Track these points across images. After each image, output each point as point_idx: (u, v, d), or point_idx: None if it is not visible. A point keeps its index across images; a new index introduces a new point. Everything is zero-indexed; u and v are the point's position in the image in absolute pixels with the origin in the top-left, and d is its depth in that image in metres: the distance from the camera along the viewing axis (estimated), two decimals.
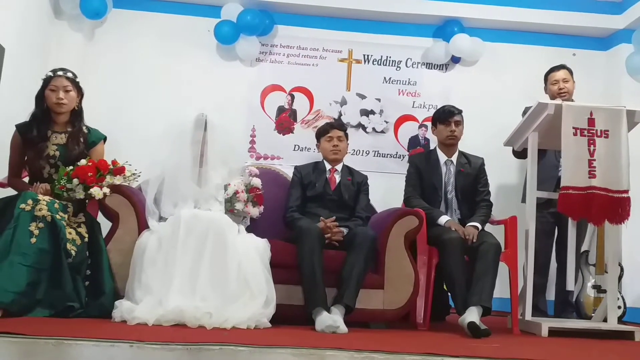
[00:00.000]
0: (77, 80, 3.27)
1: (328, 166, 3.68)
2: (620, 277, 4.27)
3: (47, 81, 3.21)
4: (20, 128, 3.22)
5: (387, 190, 4.39)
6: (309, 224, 3.25)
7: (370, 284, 3.18)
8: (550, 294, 4.25)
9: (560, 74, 4.09)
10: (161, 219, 3.19)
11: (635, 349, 2.93)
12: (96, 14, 4.66)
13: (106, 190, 3.07)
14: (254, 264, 3.02)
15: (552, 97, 4.04)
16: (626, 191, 3.21)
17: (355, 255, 3.11)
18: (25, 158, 3.26)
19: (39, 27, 4.43)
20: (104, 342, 2.10)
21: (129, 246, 3.03)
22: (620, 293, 4.17)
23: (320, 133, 3.74)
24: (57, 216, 2.86)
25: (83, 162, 3.13)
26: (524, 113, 4.10)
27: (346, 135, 3.73)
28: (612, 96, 4.77)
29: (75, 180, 3.05)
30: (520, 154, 3.96)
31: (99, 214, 3.23)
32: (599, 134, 3.24)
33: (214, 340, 2.22)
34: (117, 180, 3.14)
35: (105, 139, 3.38)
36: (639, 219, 3.57)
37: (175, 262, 2.89)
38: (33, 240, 2.76)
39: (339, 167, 3.68)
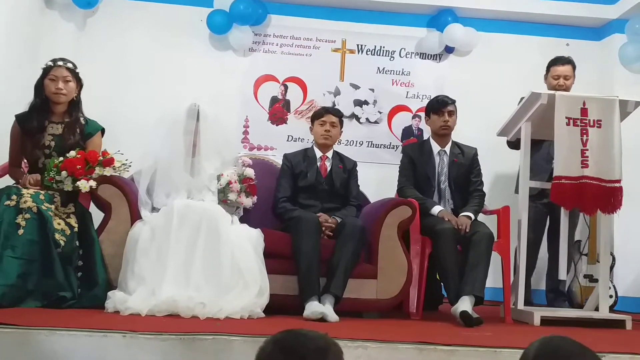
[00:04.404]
0: (77, 71, 3.25)
1: (319, 153, 3.64)
2: (612, 267, 4.29)
3: (46, 70, 3.18)
4: (20, 118, 3.21)
5: (380, 181, 4.40)
6: (307, 214, 3.25)
7: (363, 274, 3.19)
8: (542, 284, 4.28)
9: (564, 70, 4.02)
10: (154, 209, 3.19)
11: (626, 337, 2.96)
12: (88, 3, 4.60)
13: (92, 183, 3.04)
14: (247, 254, 3.02)
15: (550, 88, 4.02)
16: (618, 181, 3.22)
17: (343, 246, 3.11)
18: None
19: (30, 17, 4.38)
20: (96, 333, 2.11)
21: (121, 237, 3.03)
22: (612, 282, 4.20)
23: (315, 116, 3.69)
24: (43, 207, 2.86)
25: (72, 153, 3.11)
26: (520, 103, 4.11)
27: (341, 122, 3.68)
28: (605, 86, 4.77)
29: (64, 173, 3.03)
30: (515, 144, 3.96)
31: (92, 204, 3.23)
32: (591, 123, 3.25)
33: (207, 330, 2.23)
34: (107, 171, 3.12)
35: (103, 130, 3.36)
36: (630, 209, 3.58)
37: (168, 252, 2.90)
38: (20, 231, 2.78)
39: (329, 154, 3.66)
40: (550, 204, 3.85)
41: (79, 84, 3.27)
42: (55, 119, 3.23)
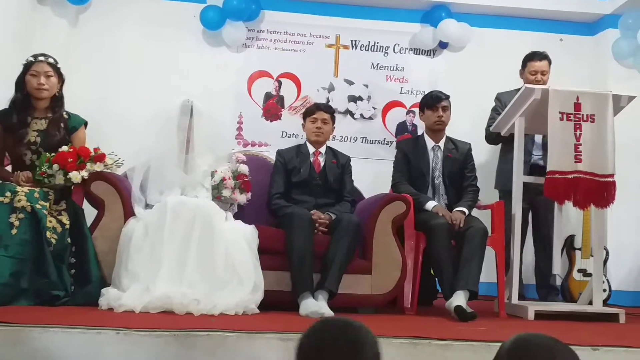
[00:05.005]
0: (58, 66, 3.24)
1: (312, 149, 3.64)
2: (605, 261, 4.31)
3: (27, 66, 3.17)
4: (0, 116, 3.18)
5: (375, 177, 4.39)
6: (299, 210, 3.25)
7: (358, 269, 3.19)
8: (530, 279, 4.29)
9: (541, 66, 4.04)
10: (147, 206, 3.17)
11: (620, 331, 2.97)
12: None
13: (84, 173, 3.04)
14: (241, 251, 3.02)
15: (526, 83, 4.02)
16: (612, 175, 3.23)
17: (338, 241, 3.11)
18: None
19: (21, 13, 4.34)
20: (90, 330, 2.10)
21: (115, 233, 3.02)
22: (605, 276, 4.22)
23: (307, 113, 3.69)
24: (37, 206, 2.85)
25: (65, 148, 3.11)
26: (497, 99, 4.14)
27: (333, 118, 3.69)
28: (598, 81, 4.78)
29: (56, 166, 3.03)
30: (494, 139, 4.00)
31: (85, 201, 3.21)
32: (585, 118, 3.25)
33: (201, 327, 2.22)
34: (98, 167, 3.11)
35: (86, 123, 3.35)
36: (623, 203, 3.60)
37: (162, 249, 2.89)
38: (14, 231, 2.76)
39: (322, 149, 3.66)
40: (532, 200, 3.86)
41: (61, 79, 3.26)
42: (37, 115, 3.21)
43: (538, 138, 4.00)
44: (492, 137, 4.02)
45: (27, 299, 2.74)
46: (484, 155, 4.36)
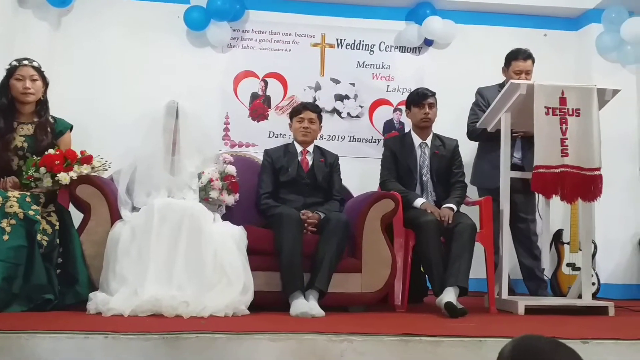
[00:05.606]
0: (42, 70, 3.21)
1: (299, 148, 3.63)
2: (594, 255, 4.35)
3: (12, 70, 3.14)
4: None
5: (363, 175, 4.39)
6: (288, 209, 3.24)
7: (348, 268, 3.18)
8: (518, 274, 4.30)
9: (526, 66, 3.97)
10: (134, 209, 3.14)
11: (609, 323, 2.99)
12: (62, 2, 4.53)
13: (73, 174, 3.01)
14: (230, 252, 3.00)
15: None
16: (598, 169, 3.25)
17: (327, 241, 3.10)
18: None
19: (2, 17, 4.30)
20: (78, 334, 2.07)
21: (101, 237, 2.99)
22: (594, 270, 4.24)
23: (293, 113, 3.68)
24: (30, 212, 2.81)
25: (51, 151, 3.08)
26: (478, 94, 4.14)
27: (320, 117, 3.68)
28: (583, 75, 4.83)
29: (43, 169, 3.00)
30: (477, 135, 4.00)
31: (71, 206, 3.18)
32: (570, 112, 3.27)
33: (191, 329, 2.20)
34: (85, 169, 3.08)
35: (71, 128, 3.32)
36: (611, 197, 3.62)
37: (149, 251, 2.85)
38: (5, 237, 2.72)
39: (310, 148, 3.65)
40: (510, 197, 3.85)
41: (45, 83, 3.23)
42: (23, 120, 3.19)
43: (518, 140, 3.98)
44: (475, 133, 4.01)
45: (20, 304, 2.71)
46: (469, 152, 4.36)
